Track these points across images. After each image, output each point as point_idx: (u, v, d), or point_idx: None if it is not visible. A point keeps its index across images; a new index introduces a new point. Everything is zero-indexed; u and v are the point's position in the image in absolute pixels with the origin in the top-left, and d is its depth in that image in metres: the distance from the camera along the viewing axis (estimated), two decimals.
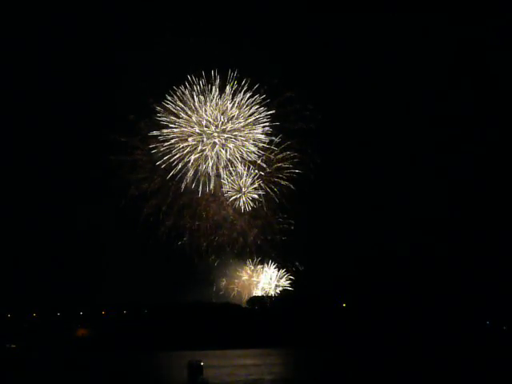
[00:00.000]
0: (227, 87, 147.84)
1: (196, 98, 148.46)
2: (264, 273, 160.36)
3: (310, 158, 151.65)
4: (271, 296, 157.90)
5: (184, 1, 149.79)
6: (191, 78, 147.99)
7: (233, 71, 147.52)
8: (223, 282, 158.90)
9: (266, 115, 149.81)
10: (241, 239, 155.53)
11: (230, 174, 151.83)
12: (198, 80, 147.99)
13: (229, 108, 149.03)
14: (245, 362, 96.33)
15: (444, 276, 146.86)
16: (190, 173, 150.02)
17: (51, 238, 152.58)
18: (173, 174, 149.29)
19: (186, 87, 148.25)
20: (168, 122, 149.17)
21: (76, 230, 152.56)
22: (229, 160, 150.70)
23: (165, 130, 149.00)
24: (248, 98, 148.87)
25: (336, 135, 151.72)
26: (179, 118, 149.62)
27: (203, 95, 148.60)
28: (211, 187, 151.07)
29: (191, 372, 70.40)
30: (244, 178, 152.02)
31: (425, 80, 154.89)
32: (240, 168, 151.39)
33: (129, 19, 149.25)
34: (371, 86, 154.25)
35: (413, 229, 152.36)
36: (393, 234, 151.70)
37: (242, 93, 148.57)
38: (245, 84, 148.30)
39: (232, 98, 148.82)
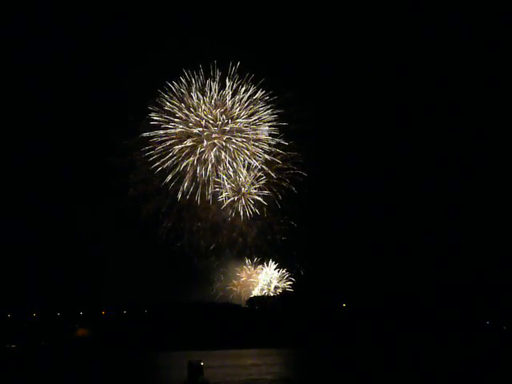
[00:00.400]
0: (227, 85, 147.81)
1: (194, 96, 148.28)
2: (264, 273, 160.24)
3: (310, 158, 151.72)
4: (271, 296, 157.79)
5: (184, 1, 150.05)
6: (190, 77, 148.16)
7: (233, 69, 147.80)
8: (221, 283, 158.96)
9: (270, 114, 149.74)
10: (240, 239, 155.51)
11: (230, 175, 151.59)
12: (197, 78, 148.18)
13: (229, 107, 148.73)
14: (245, 362, 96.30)
15: (444, 276, 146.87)
16: (189, 175, 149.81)
17: (51, 238, 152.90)
18: (171, 177, 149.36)
19: (185, 87, 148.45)
20: (166, 122, 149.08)
21: (76, 230, 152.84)
22: (228, 162, 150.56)
23: (162, 132, 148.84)
24: (249, 97, 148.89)
25: (335, 136, 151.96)
26: (177, 118, 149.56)
27: (202, 93, 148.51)
28: (210, 191, 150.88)
29: (191, 372, 70.06)
30: (243, 180, 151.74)
31: (424, 80, 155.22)
32: (240, 170, 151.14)
33: (129, 20, 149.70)
34: (371, 85, 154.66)
35: (413, 229, 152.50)
36: (393, 234, 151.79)
37: (243, 91, 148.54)
38: (244, 83, 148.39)
39: (232, 97, 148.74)
